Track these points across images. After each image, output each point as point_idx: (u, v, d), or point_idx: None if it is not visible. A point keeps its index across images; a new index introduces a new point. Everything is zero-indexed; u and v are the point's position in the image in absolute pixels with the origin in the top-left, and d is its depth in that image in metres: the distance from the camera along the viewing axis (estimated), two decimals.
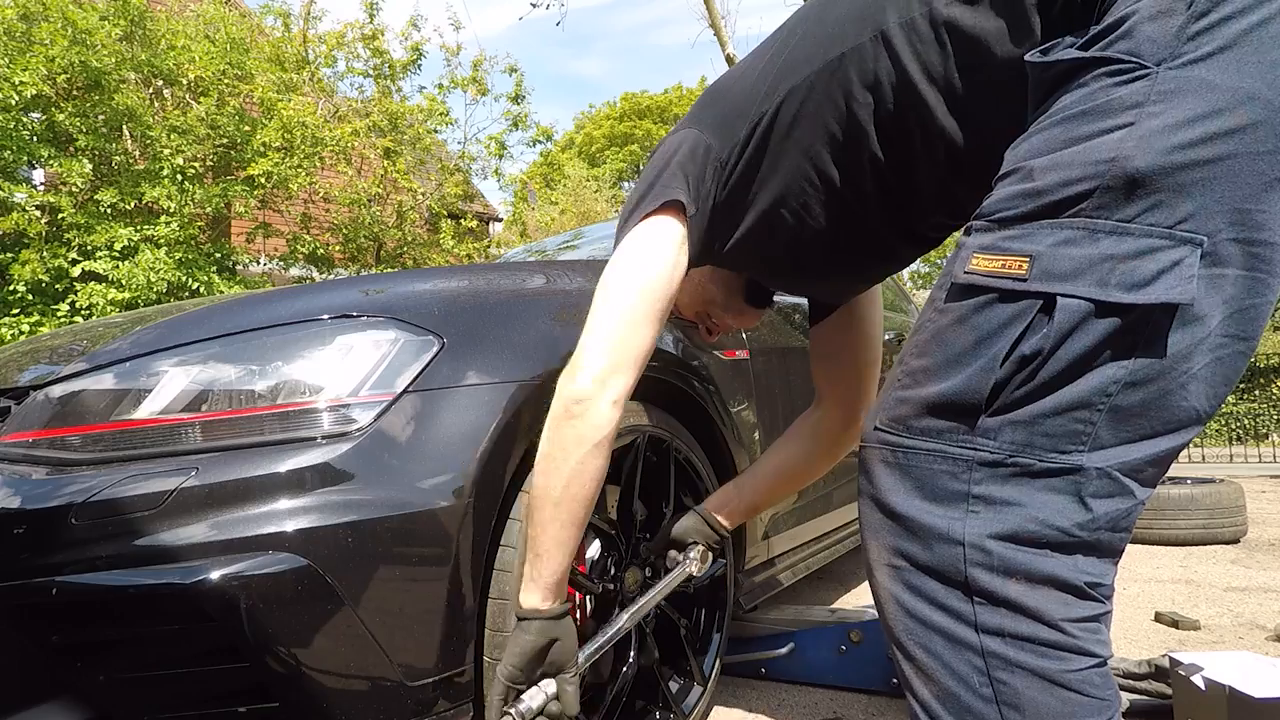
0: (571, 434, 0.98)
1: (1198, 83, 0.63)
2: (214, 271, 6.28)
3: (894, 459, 0.74)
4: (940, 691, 0.69)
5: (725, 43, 9.35)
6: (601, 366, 0.98)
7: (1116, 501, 0.67)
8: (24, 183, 5.76)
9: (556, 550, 1.01)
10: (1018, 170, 0.70)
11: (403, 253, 8.46)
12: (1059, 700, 0.65)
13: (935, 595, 0.70)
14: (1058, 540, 0.67)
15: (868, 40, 0.86)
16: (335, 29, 8.66)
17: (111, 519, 0.94)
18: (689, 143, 1.02)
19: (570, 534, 1.01)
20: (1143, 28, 0.66)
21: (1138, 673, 1.63)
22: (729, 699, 1.74)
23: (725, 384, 1.66)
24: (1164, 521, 3.49)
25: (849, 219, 0.98)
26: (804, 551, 2.14)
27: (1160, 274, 0.63)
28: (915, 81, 0.83)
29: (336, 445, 1.00)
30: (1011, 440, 0.67)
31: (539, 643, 1.01)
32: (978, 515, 0.68)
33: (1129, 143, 0.64)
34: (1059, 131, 0.68)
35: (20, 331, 5.28)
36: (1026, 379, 0.67)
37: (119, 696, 0.96)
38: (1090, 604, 0.68)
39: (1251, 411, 11.47)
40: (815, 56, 0.91)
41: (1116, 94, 0.66)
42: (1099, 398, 0.65)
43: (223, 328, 1.10)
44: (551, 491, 1.00)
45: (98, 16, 5.91)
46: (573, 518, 1.01)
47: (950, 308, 0.72)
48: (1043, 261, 0.66)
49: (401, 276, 1.34)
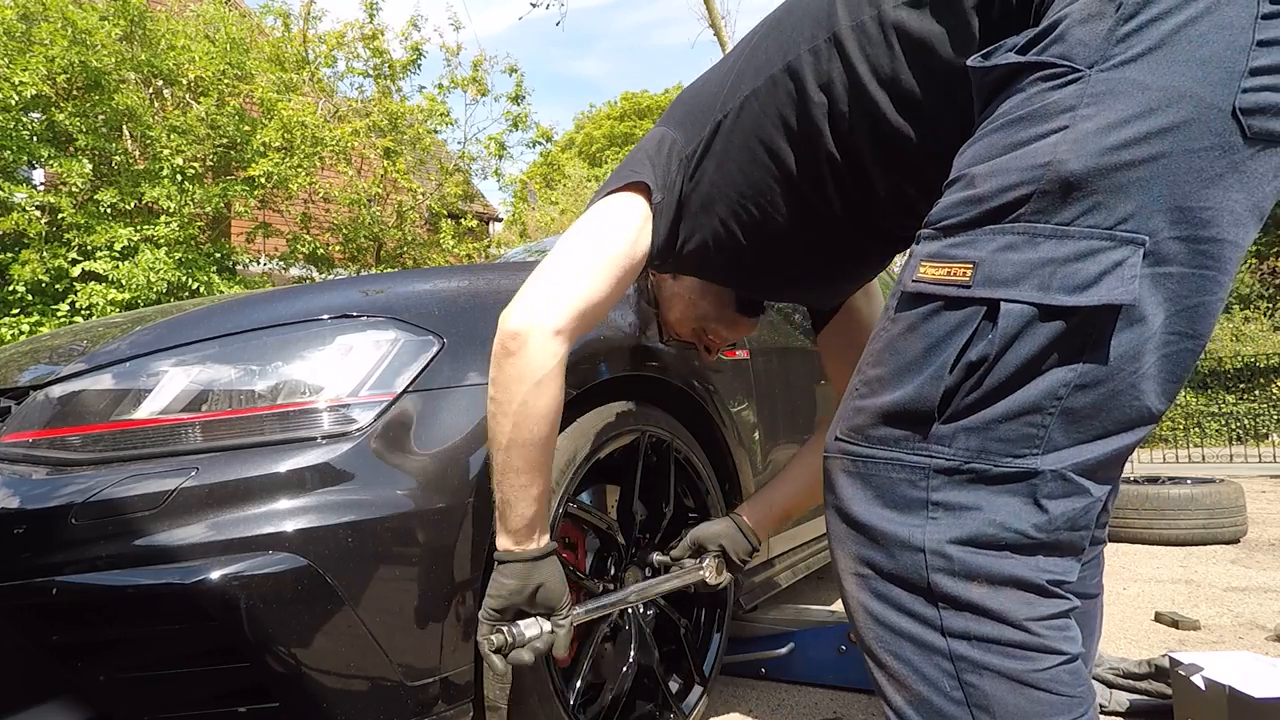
0: (511, 372, 0.95)
1: (1129, 84, 0.63)
2: (214, 271, 6.28)
3: (854, 468, 0.75)
4: (913, 697, 0.70)
5: (725, 43, 9.37)
6: (540, 299, 0.96)
7: (1073, 501, 0.68)
8: (24, 183, 5.76)
9: (518, 497, 0.98)
10: (961, 178, 0.71)
11: (403, 253, 8.46)
12: (1028, 700, 0.65)
13: (901, 602, 0.70)
14: (1016, 542, 0.67)
15: (822, 42, 0.89)
16: (335, 29, 8.67)
17: (112, 519, 0.94)
18: (656, 138, 1.06)
19: (530, 478, 0.98)
20: (1074, 31, 0.66)
21: (1138, 673, 1.63)
22: (729, 699, 1.74)
23: (725, 384, 1.66)
24: (1164, 521, 3.49)
25: (812, 216, 0.98)
26: (804, 551, 2.14)
27: (1102, 275, 0.63)
28: (865, 83, 0.85)
29: (336, 445, 1.00)
30: (966, 446, 0.68)
31: (516, 585, 0.99)
32: (937, 521, 0.69)
33: (1063, 146, 0.64)
34: (999, 137, 0.69)
35: (20, 331, 5.28)
36: (975, 385, 0.67)
37: (119, 696, 0.96)
38: (1054, 601, 0.68)
39: (1251, 411, 11.46)
40: (775, 58, 0.94)
41: (1051, 98, 0.66)
42: (1049, 401, 0.66)
43: (223, 328, 1.10)
44: (499, 437, 0.97)
45: (98, 16, 5.91)
46: (528, 462, 0.97)
47: (901, 316, 0.73)
48: (985, 267, 0.66)
49: (401, 276, 1.34)
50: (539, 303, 0.96)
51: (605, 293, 1.00)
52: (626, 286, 1.05)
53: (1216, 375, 12.34)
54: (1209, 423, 11.39)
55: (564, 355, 0.97)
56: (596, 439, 1.30)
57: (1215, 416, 11.49)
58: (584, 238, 1.02)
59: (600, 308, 1.01)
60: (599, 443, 1.31)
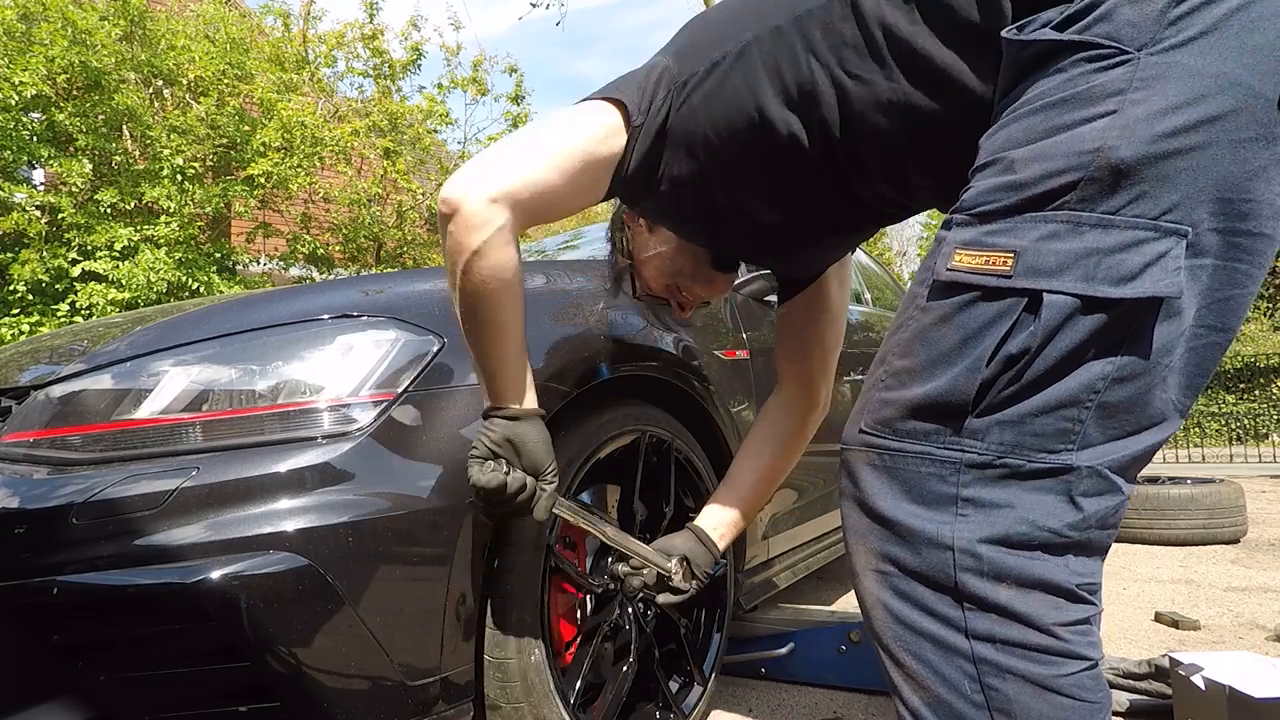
0: (449, 242, 0.90)
1: (1180, 69, 0.62)
2: (214, 271, 6.28)
3: (880, 462, 0.73)
4: (931, 698, 0.68)
5: None
6: (477, 166, 0.91)
7: (1106, 499, 0.67)
8: (24, 183, 5.76)
9: (494, 367, 0.96)
10: (997, 161, 0.68)
11: (403, 253, 8.46)
12: (1051, 705, 0.65)
13: (924, 601, 0.69)
14: (1049, 541, 0.66)
15: (836, 1, 0.84)
16: (335, 29, 8.67)
17: (112, 519, 0.94)
18: (649, 64, 1.00)
19: (498, 348, 0.95)
20: (1122, 11, 0.64)
21: (1138, 673, 1.63)
22: (729, 699, 1.74)
23: (725, 384, 1.66)
24: (1164, 521, 3.49)
25: (792, 177, 0.94)
26: (804, 551, 2.14)
27: (1147, 267, 0.62)
28: (879, 45, 0.81)
29: (337, 445, 1.00)
30: (1000, 441, 0.66)
31: (498, 436, 0.97)
32: (967, 519, 0.67)
33: (1113, 132, 0.62)
34: (1039, 120, 0.67)
35: (20, 331, 5.28)
36: (1014, 379, 0.65)
37: (119, 696, 0.96)
38: (1081, 607, 0.67)
39: (1251, 411, 11.46)
40: (784, 7, 0.88)
41: (1097, 80, 0.64)
42: (1087, 395, 0.64)
43: (223, 328, 1.11)
44: (455, 309, 0.95)
45: (98, 16, 5.92)
46: (488, 330, 0.94)
47: (933, 306, 0.70)
48: (1027, 257, 0.64)
49: (401, 276, 1.34)
50: (475, 170, 0.91)
51: (555, 180, 0.93)
52: (584, 188, 0.97)
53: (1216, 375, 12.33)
54: (1209, 423, 11.38)
55: (505, 225, 0.90)
56: (597, 438, 1.30)
57: (1215, 416, 11.49)
58: (543, 126, 0.96)
59: (549, 195, 0.93)
60: (599, 442, 1.31)
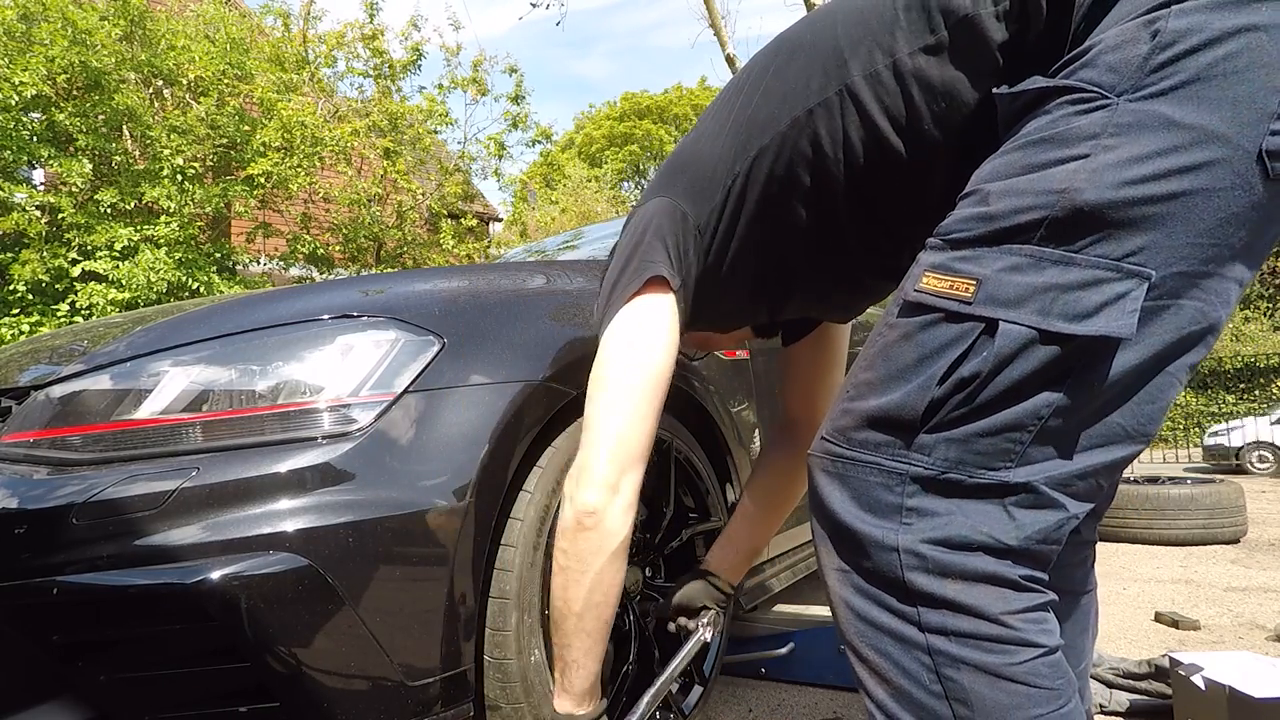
0: (587, 546, 0.98)
1: (1157, 118, 0.63)
2: (214, 271, 6.28)
3: (833, 469, 0.75)
4: (894, 690, 0.71)
5: (725, 43, 9.36)
6: (610, 472, 0.97)
7: (1045, 514, 0.68)
8: (24, 183, 5.76)
9: (586, 659, 1.04)
10: (975, 192, 0.71)
11: (403, 253, 8.46)
12: (1005, 693, 0.66)
13: (880, 598, 0.71)
14: (988, 545, 0.68)
15: (833, 95, 0.86)
16: (335, 29, 8.68)
17: (112, 519, 0.94)
18: (664, 211, 1.01)
19: (597, 640, 1.03)
20: (1104, 57, 0.66)
21: (1138, 673, 1.63)
22: (729, 699, 1.74)
23: (725, 384, 1.66)
24: (1164, 521, 3.49)
25: (831, 266, 0.99)
26: (803, 551, 2.14)
27: (1104, 306, 0.63)
28: (885, 134, 0.84)
29: (337, 445, 1.00)
30: (945, 457, 0.68)
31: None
32: (911, 526, 0.69)
33: (1081, 175, 0.64)
34: (1018, 156, 0.69)
35: (20, 331, 5.28)
36: (965, 400, 0.67)
37: (119, 696, 0.96)
38: (1029, 595, 0.68)
39: (1251, 412, 11.46)
40: (781, 114, 0.91)
41: (1075, 124, 0.66)
42: (1031, 420, 0.66)
43: (223, 328, 1.10)
44: (574, 604, 1.01)
45: (98, 16, 5.92)
46: (598, 626, 1.03)
47: (899, 323, 0.73)
48: (989, 286, 0.66)
49: (401, 276, 1.34)
50: (610, 477, 0.97)
51: (658, 417, 1.01)
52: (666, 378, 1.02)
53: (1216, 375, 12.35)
54: (1209, 423, 11.38)
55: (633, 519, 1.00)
56: None
57: (1215, 416, 11.49)
58: (628, 375, 0.98)
59: (654, 432, 1.01)
60: None
